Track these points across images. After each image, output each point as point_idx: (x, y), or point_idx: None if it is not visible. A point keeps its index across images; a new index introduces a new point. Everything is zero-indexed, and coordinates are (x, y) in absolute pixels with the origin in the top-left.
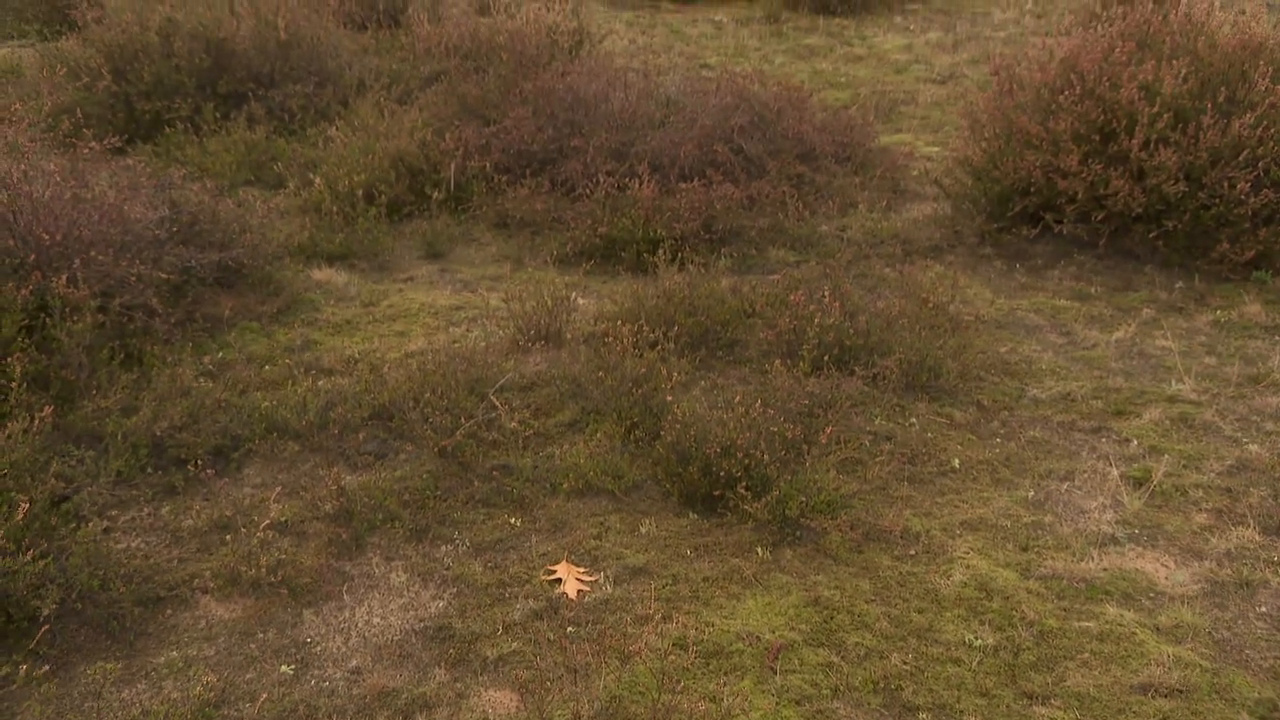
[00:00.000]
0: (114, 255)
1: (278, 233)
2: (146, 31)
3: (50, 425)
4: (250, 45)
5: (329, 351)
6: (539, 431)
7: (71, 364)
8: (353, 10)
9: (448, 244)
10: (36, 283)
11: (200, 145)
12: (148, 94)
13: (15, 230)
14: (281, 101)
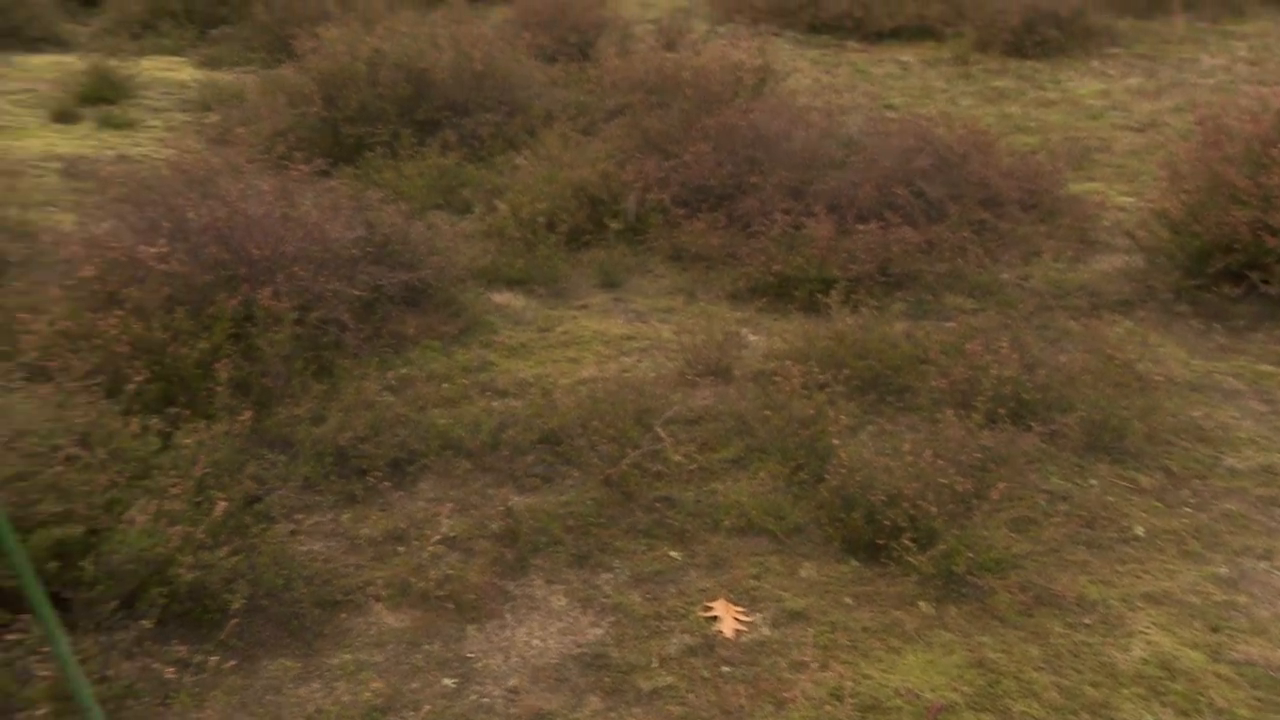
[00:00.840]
0: (314, 271)
1: (463, 256)
2: (356, 61)
3: (249, 429)
4: (448, 76)
5: (504, 373)
6: (703, 466)
7: (271, 372)
8: (544, 44)
9: (623, 274)
10: (245, 294)
11: (397, 169)
12: (353, 120)
13: (230, 245)
14: (473, 129)
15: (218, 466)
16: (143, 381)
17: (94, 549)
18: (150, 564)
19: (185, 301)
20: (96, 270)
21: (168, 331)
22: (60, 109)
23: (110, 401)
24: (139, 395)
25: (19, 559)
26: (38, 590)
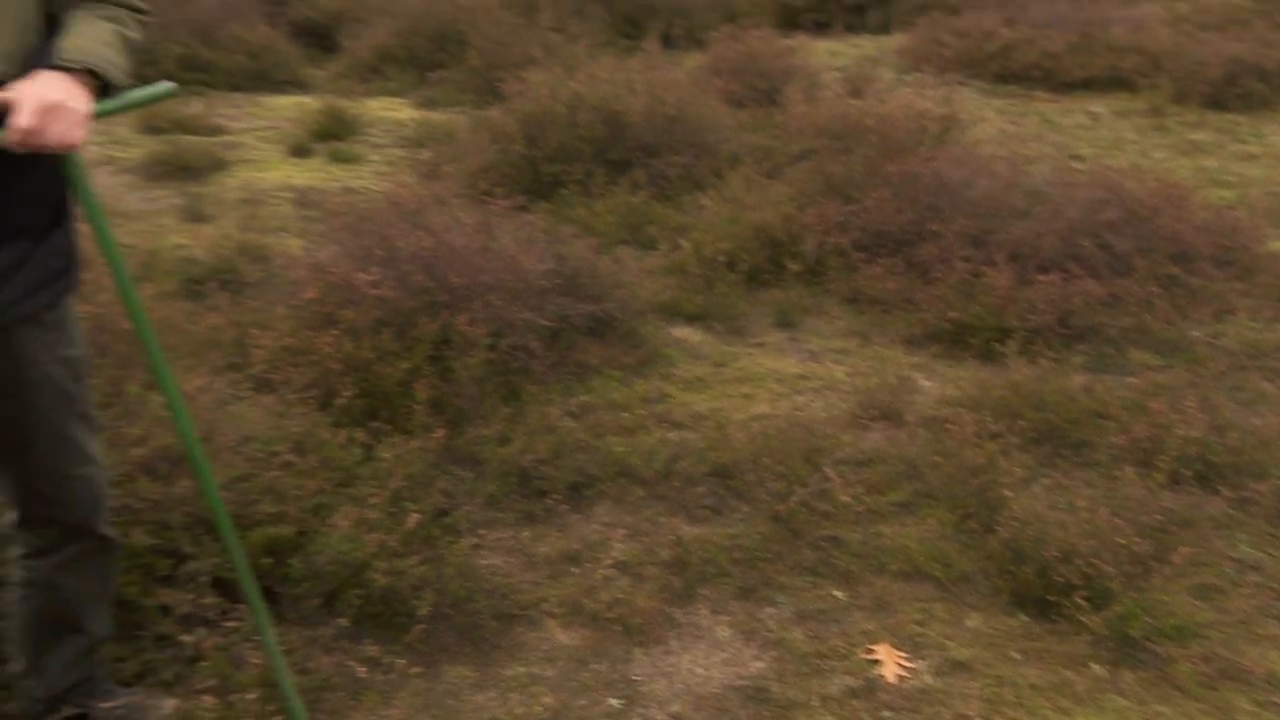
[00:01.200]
0: (507, 300)
1: (646, 290)
2: (556, 104)
3: (441, 446)
4: (641, 119)
5: (680, 406)
6: (871, 508)
7: (464, 394)
8: (734, 90)
9: (799, 314)
10: (444, 320)
11: (589, 206)
12: (551, 158)
13: (434, 273)
14: (662, 170)
15: (412, 480)
16: (351, 396)
17: (302, 549)
18: (349, 567)
19: (392, 324)
20: (318, 293)
21: (375, 351)
22: (297, 144)
23: (322, 413)
24: (347, 409)
25: (237, 554)
26: (252, 584)
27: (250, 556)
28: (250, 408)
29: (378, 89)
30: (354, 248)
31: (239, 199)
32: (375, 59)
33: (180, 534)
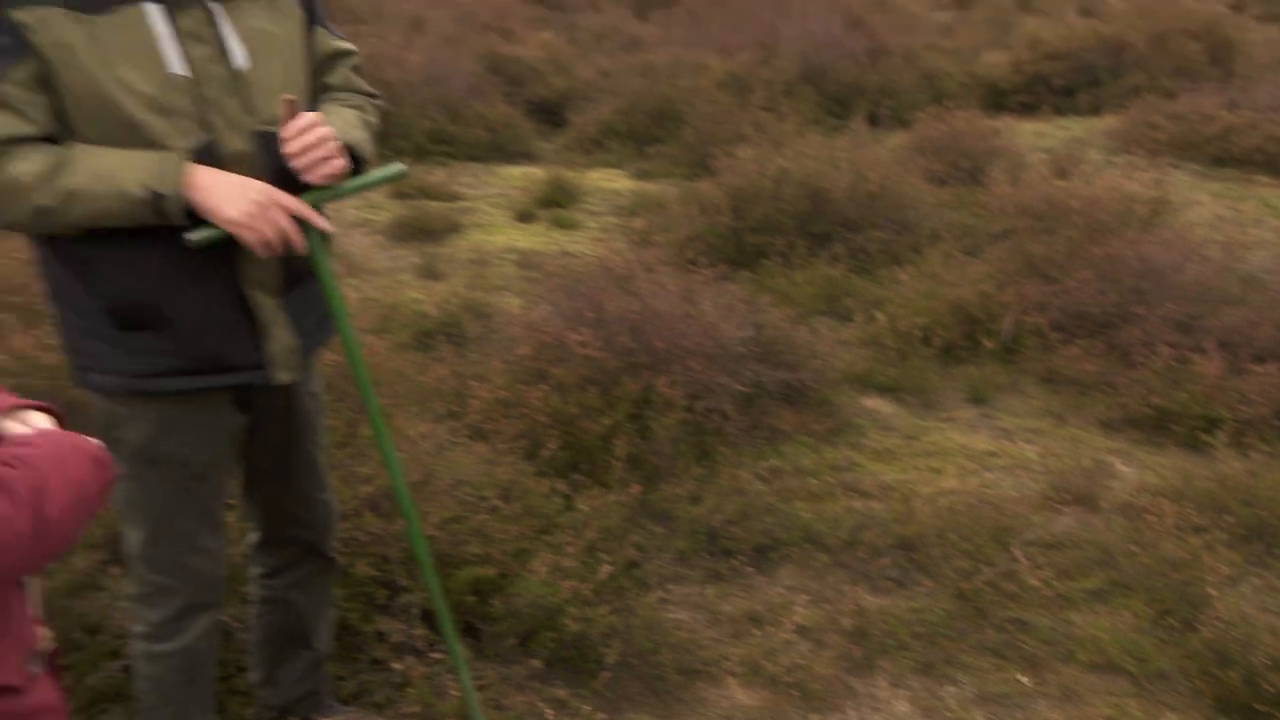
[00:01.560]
0: (705, 365)
1: (840, 361)
2: (763, 178)
3: (636, 501)
4: (844, 194)
5: (868, 476)
6: (1061, 594)
7: (660, 452)
8: (936, 169)
9: (992, 391)
10: (645, 381)
11: (788, 277)
12: (755, 230)
13: (639, 335)
14: (862, 244)
15: (607, 532)
16: (556, 449)
17: (503, 590)
18: (545, 611)
19: (597, 382)
20: (531, 350)
21: (580, 407)
22: (523, 210)
23: (529, 463)
24: (551, 460)
25: (436, 593)
26: (449, 622)
27: (456, 593)
28: (465, 454)
29: (599, 161)
30: (567, 308)
31: (469, 259)
32: (598, 133)
33: (397, 567)
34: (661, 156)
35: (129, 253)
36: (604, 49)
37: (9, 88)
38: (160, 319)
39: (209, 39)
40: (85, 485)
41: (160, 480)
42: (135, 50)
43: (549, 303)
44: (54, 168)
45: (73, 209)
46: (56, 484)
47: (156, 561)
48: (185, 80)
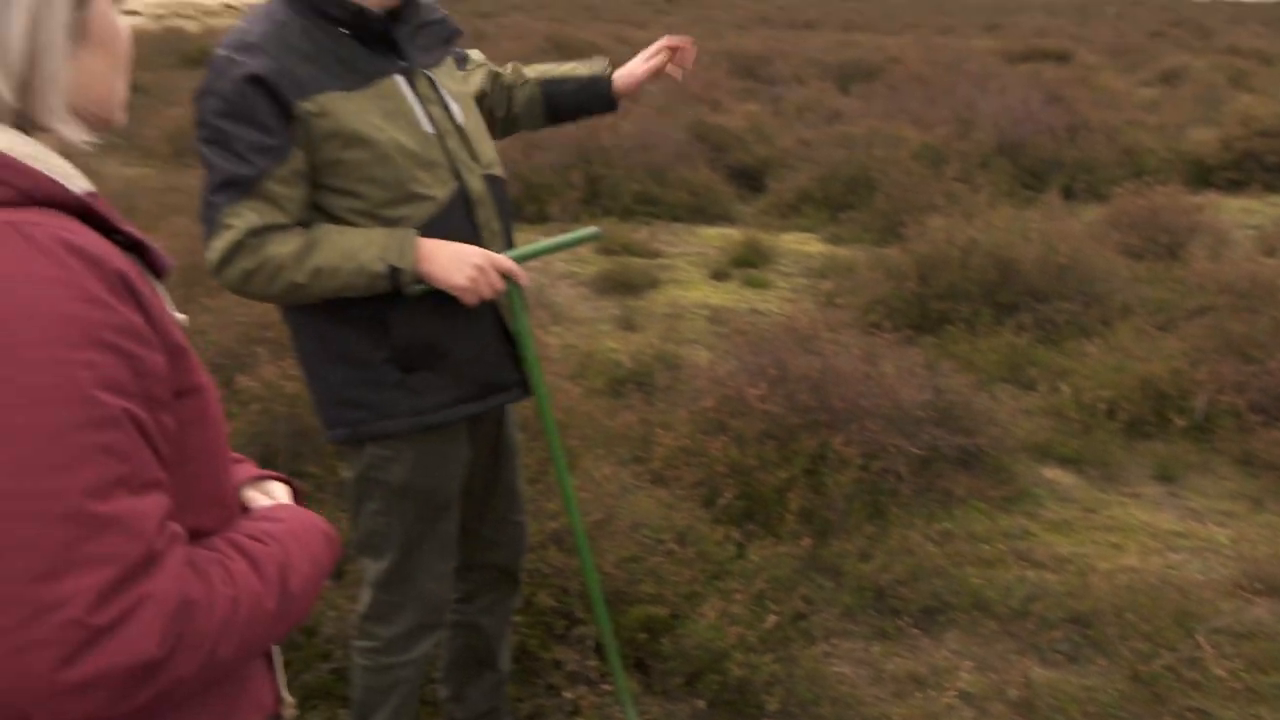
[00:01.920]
0: (882, 426)
1: (1020, 429)
2: (951, 247)
3: (806, 554)
4: (1033, 265)
5: (1042, 546)
6: (1250, 686)
7: (833, 508)
8: (1133, 242)
9: (1181, 470)
10: (822, 438)
11: (972, 343)
12: (940, 296)
13: (819, 394)
14: (1049, 315)
15: (776, 582)
16: (732, 498)
17: (672, 630)
18: (711, 654)
19: (775, 437)
20: (714, 402)
21: (758, 460)
22: (718, 269)
23: (705, 510)
24: (727, 509)
25: (605, 629)
26: (617, 657)
27: (629, 629)
28: (645, 498)
29: (793, 225)
30: (751, 364)
31: (664, 313)
32: (795, 199)
33: (575, 600)
34: (853, 223)
35: (421, 304)
36: (806, 120)
37: (272, 184)
38: (442, 356)
39: (437, 100)
40: (321, 561)
41: (410, 514)
42: (398, 115)
43: (735, 358)
44: (305, 248)
45: (320, 284)
46: (298, 560)
47: (394, 586)
48: (434, 137)
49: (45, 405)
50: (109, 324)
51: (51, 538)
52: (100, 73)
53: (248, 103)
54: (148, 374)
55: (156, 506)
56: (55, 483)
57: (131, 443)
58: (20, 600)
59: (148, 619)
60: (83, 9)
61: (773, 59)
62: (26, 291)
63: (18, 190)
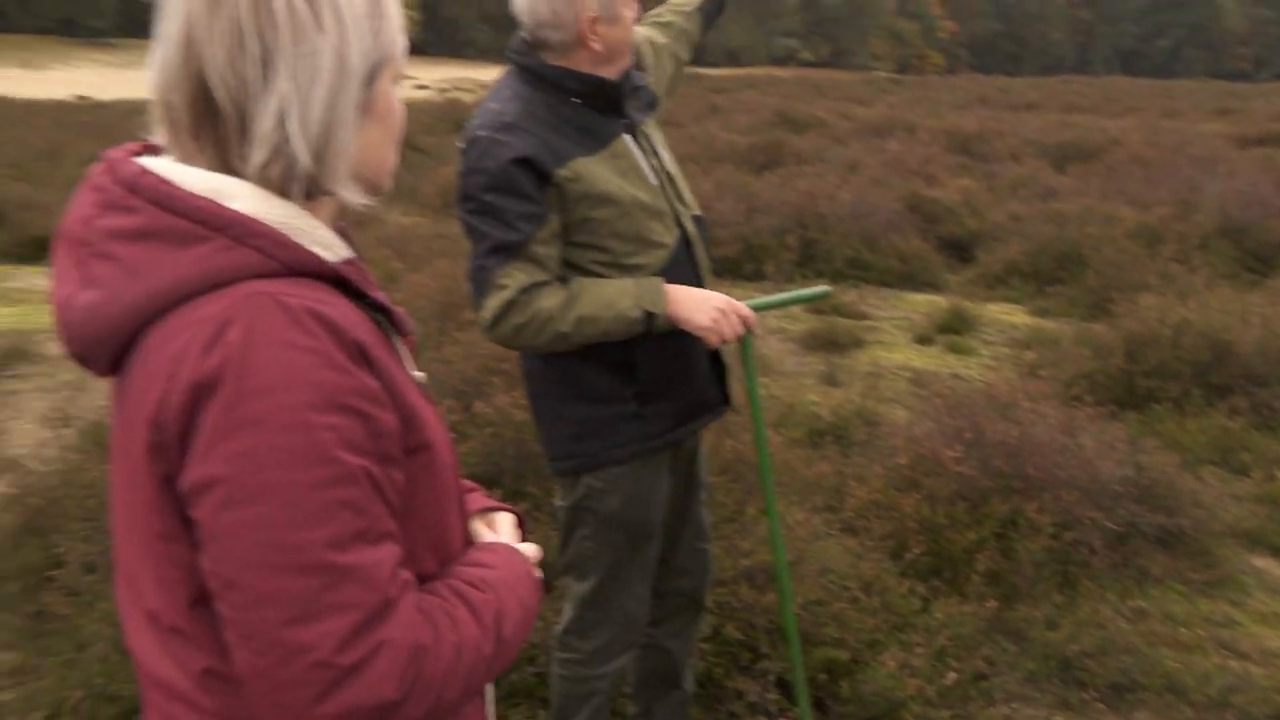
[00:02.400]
0: (1078, 497)
1: (1228, 514)
2: (1163, 325)
3: (991, 615)
4: (1252, 348)
5: (1248, 637)
6: None
7: (1021, 573)
8: None
9: None
10: (1014, 504)
11: (1179, 423)
12: (1148, 374)
13: (1014, 460)
14: (1268, 400)
15: (958, 640)
16: (919, 553)
17: (852, 675)
18: (889, 702)
19: (966, 498)
20: (908, 459)
21: (948, 519)
22: (921, 334)
23: (892, 562)
24: (914, 564)
25: (798, 667)
26: (805, 695)
27: (809, 669)
28: (834, 545)
29: (999, 296)
30: (947, 426)
31: (866, 372)
32: (1003, 271)
33: (761, 635)
34: (1061, 296)
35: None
36: (1019, 196)
37: (536, 246)
38: (676, 387)
39: (653, 153)
40: (528, 605)
41: (617, 542)
42: (630, 171)
43: (931, 419)
44: (567, 301)
45: (582, 331)
46: (511, 606)
47: (597, 605)
48: (658, 188)
49: (294, 465)
50: (350, 389)
51: (298, 587)
52: (377, 144)
53: (513, 179)
54: (382, 434)
55: (390, 556)
56: (301, 536)
57: (368, 498)
58: (275, 644)
59: (386, 663)
60: (370, 88)
61: (990, 138)
62: (281, 358)
63: (281, 263)
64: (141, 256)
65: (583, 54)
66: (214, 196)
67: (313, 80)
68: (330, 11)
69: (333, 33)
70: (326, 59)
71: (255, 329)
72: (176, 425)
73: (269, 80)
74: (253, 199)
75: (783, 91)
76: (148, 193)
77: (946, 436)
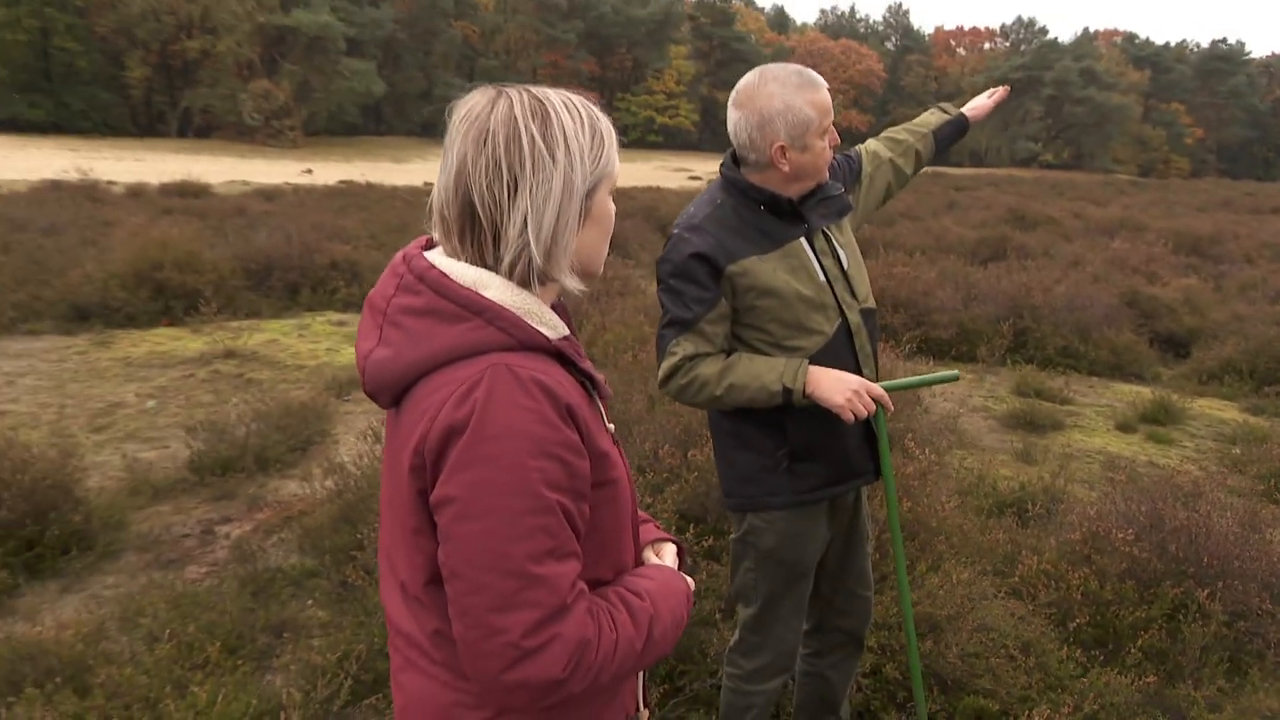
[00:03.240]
0: (1257, 589)
1: None
2: None
3: (1150, 689)
4: None
5: None
6: None
7: (1187, 653)
8: None
9: None
10: (1186, 589)
11: None
12: None
13: (1191, 546)
14: None
15: (1109, 707)
16: (1082, 623)
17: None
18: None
19: (1136, 578)
20: (1081, 536)
21: (1115, 595)
22: (1123, 422)
23: (1053, 629)
24: (1075, 632)
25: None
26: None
27: (961, 713)
28: (998, 606)
29: (1212, 391)
30: (1124, 508)
31: (1061, 452)
32: (1218, 367)
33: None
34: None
35: (812, 413)
36: (1247, 297)
37: (705, 324)
38: (824, 452)
39: (830, 253)
40: (678, 614)
41: (774, 575)
42: (800, 269)
43: (1112, 500)
44: (723, 371)
45: (731, 396)
46: (663, 612)
47: (757, 629)
48: (825, 284)
49: (510, 495)
50: (556, 441)
51: (503, 585)
52: (594, 242)
53: (691, 270)
54: (577, 475)
55: (572, 571)
56: (509, 548)
57: (560, 525)
58: (480, 624)
59: (558, 650)
60: (590, 200)
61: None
62: (510, 414)
63: (517, 340)
64: (422, 328)
65: (773, 173)
66: (475, 287)
67: (546, 199)
68: (562, 148)
69: (563, 164)
70: (557, 183)
71: (494, 391)
72: (432, 455)
73: (516, 200)
74: (501, 289)
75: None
76: (431, 282)
77: (1122, 517)
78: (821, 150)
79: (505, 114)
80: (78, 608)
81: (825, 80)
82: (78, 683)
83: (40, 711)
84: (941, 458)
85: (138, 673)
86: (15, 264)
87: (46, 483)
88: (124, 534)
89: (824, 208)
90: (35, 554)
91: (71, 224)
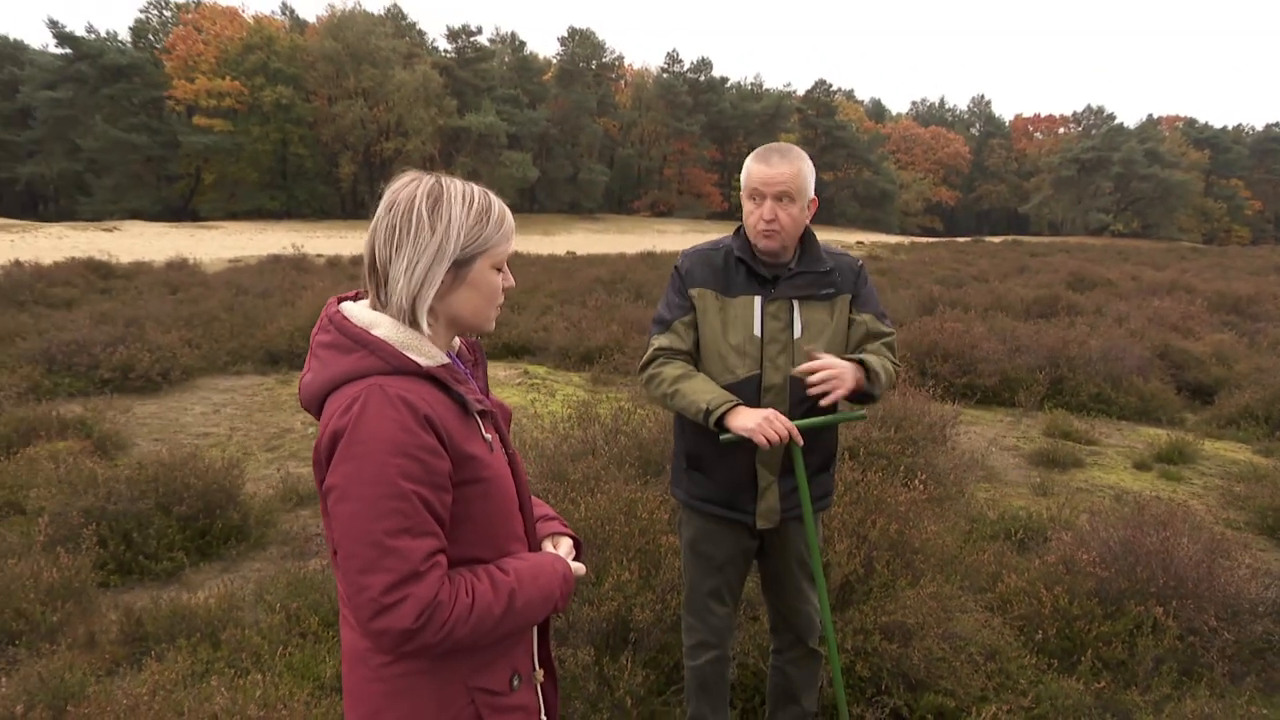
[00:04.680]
0: (1217, 609)
1: None
2: None
3: (1100, 693)
4: None
5: None
6: None
7: (1139, 663)
8: None
9: None
10: (1147, 606)
11: None
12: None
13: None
14: None
15: (1059, 708)
16: (1049, 635)
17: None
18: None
19: (1102, 596)
20: (1057, 558)
21: (1081, 611)
22: (1139, 460)
23: (1020, 639)
24: (1043, 643)
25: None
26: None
27: (920, 711)
28: (970, 618)
29: (1229, 435)
30: (1104, 535)
31: (1077, 487)
32: (1236, 413)
33: (885, 675)
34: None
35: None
36: (1276, 352)
37: (679, 325)
38: (709, 468)
39: (783, 319)
40: (548, 590)
41: (694, 565)
42: (739, 320)
43: (1092, 526)
44: (678, 377)
45: (674, 401)
46: (528, 586)
47: (689, 611)
48: (758, 339)
49: (373, 484)
50: (414, 444)
51: (367, 553)
52: (474, 304)
53: (675, 281)
54: (434, 472)
55: (427, 546)
56: (372, 525)
57: (414, 509)
58: (353, 583)
59: (409, 607)
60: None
61: (1263, 300)
62: (376, 423)
63: (391, 366)
64: (328, 357)
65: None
66: (367, 326)
67: (418, 259)
68: (443, 223)
69: (439, 233)
70: (430, 249)
71: (368, 404)
72: (324, 453)
73: (399, 257)
74: (389, 327)
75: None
76: (335, 323)
77: (1101, 542)
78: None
79: (410, 192)
80: (226, 584)
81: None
82: (213, 639)
83: (185, 655)
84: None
85: (254, 634)
86: (234, 320)
87: (215, 487)
88: (272, 530)
89: (803, 279)
90: (206, 541)
91: (278, 288)
